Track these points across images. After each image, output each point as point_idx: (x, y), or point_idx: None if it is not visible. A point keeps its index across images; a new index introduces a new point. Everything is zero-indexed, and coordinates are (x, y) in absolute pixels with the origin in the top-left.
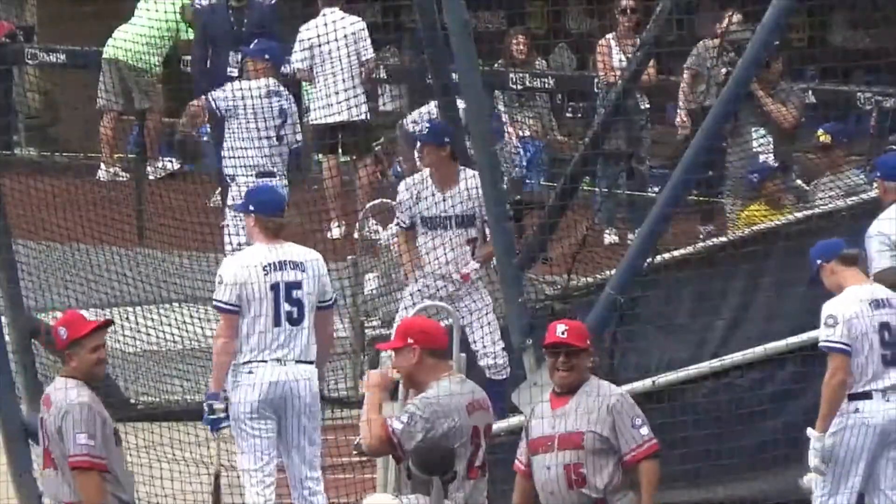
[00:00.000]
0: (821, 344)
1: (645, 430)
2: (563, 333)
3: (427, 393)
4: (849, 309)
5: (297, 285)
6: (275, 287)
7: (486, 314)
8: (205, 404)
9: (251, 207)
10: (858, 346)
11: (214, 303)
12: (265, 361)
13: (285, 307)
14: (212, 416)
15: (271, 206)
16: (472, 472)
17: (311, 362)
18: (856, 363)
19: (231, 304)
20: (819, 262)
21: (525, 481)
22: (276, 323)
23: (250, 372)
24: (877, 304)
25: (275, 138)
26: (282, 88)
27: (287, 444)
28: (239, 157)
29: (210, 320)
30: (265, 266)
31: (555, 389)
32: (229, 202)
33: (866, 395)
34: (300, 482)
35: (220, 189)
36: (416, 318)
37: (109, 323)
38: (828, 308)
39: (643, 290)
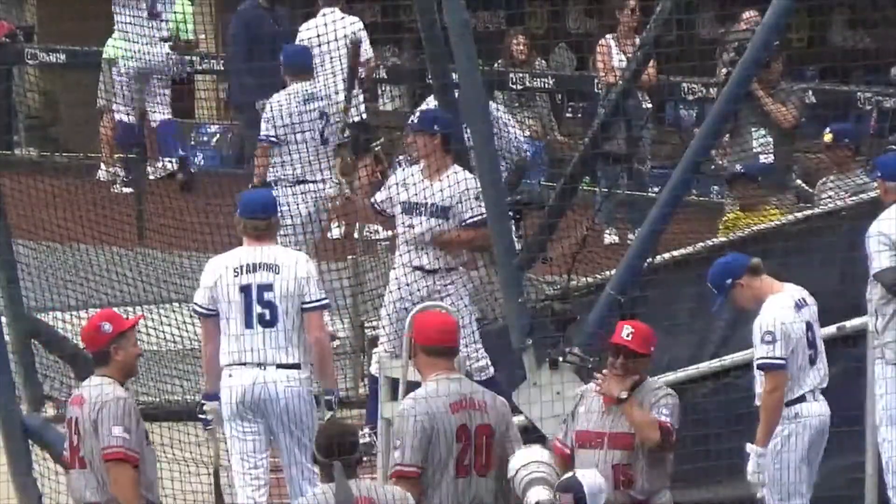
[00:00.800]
0: (759, 362)
1: (666, 417)
2: (627, 336)
3: (415, 392)
4: (782, 319)
5: (268, 287)
6: (245, 289)
7: (463, 316)
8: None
9: (237, 211)
10: (793, 354)
11: (192, 305)
12: (244, 364)
13: (257, 309)
14: (201, 416)
15: (253, 208)
16: (461, 470)
17: (293, 366)
18: (792, 371)
19: (206, 307)
20: (729, 281)
21: (562, 461)
22: (248, 325)
23: (230, 375)
24: (798, 305)
25: (319, 142)
26: (318, 89)
27: (280, 449)
28: (281, 165)
29: None
30: (236, 268)
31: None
32: None
33: (802, 399)
34: (299, 495)
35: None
36: (427, 313)
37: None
38: (762, 325)
39: (643, 290)
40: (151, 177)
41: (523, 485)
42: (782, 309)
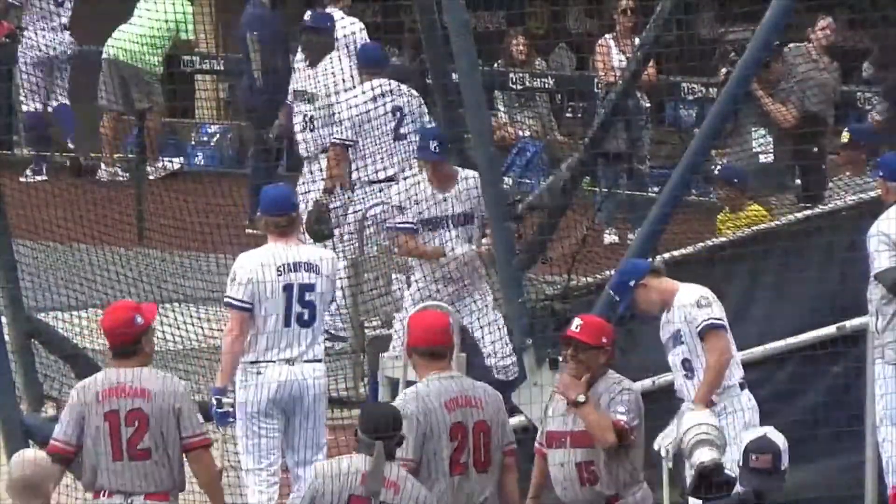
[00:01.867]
0: (709, 322)
1: (622, 415)
2: (576, 328)
3: (407, 390)
4: (707, 290)
5: (311, 287)
6: (287, 288)
7: (487, 313)
8: (213, 398)
9: (259, 209)
10: None
11: (226, 299)
12: (273, 361)
13: (296, 308)
14: (220, 410)
15: (276, 205)
16: (456, 468)
17: (319, 360)
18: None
19: (243, 302)
20: (632, 283)
21: (543, 462)
22: (287, 324)
23: (259, 372)
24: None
25: (391, 139)
26: (393, 86)
27: (292, 445)
28: (358, 164)
29: (210, 320)
30: (279, 266)
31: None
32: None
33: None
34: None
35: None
36: (421, 313)
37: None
38: (693, 293)
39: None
40: (151, 177)
41: (690, 445)
42: (703, 288)
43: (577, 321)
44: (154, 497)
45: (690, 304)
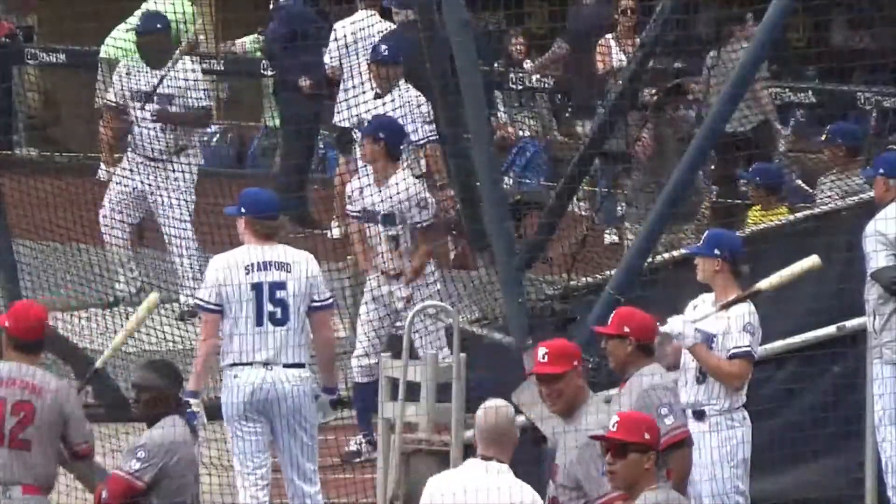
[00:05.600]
0: (745, 350)
1: (670, 420)
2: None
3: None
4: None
5: (282, 286)
6: (256, 287)
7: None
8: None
9: (242, 209)
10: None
11: (195, 301)
12: (250, 364)
13: (268, 307)
14: (188, 410)
15: (262, 208)
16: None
17: (300, 365)
18: None
19: (211, 304)
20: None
21: None
22: (259, 323)
23: (236, 375)
24: None
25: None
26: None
27: (280, 449)
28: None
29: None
30: (247, 266)
31: None
32: None
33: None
34: (297, 495)
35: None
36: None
37: None
38: (746, 314)
39: (644, 289)
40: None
41: None
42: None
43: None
44: (31, 490)
45: (738, 320)
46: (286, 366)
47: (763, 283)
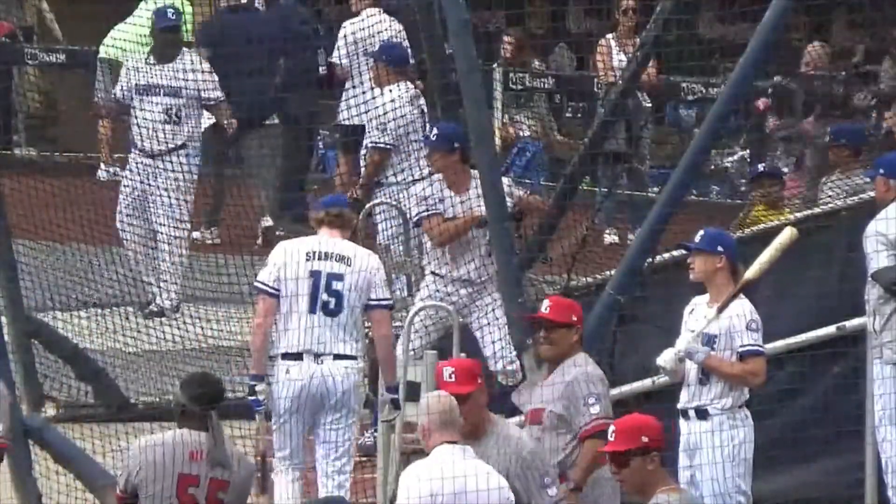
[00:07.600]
0: (756, 348)
1: (596, 409)
2: (545, 308)
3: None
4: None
5: (339, 277)
6: (314, 274)
7: (500, 316)
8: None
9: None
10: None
11: (255, 283)
12: (301, 356)
13: (323, 296)
14: (251, 397)
15: (330, 201)
16: None
17: (351, 357)
18: None
19: (268, 286)
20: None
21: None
22: (311, 311)
23: (287, 370)
24: None
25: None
26: (415, 90)
27: (319, 443)
28: (396, 168)
29: (210, 320)
30: (308, 253)
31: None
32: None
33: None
34: (325, 487)
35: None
36: None
37: None
38: (745, 315)
39: (644, 290)
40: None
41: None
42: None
43: (546, 302)
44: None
45: (741, 318)
46: (336, 357)
47: (749, 273)
